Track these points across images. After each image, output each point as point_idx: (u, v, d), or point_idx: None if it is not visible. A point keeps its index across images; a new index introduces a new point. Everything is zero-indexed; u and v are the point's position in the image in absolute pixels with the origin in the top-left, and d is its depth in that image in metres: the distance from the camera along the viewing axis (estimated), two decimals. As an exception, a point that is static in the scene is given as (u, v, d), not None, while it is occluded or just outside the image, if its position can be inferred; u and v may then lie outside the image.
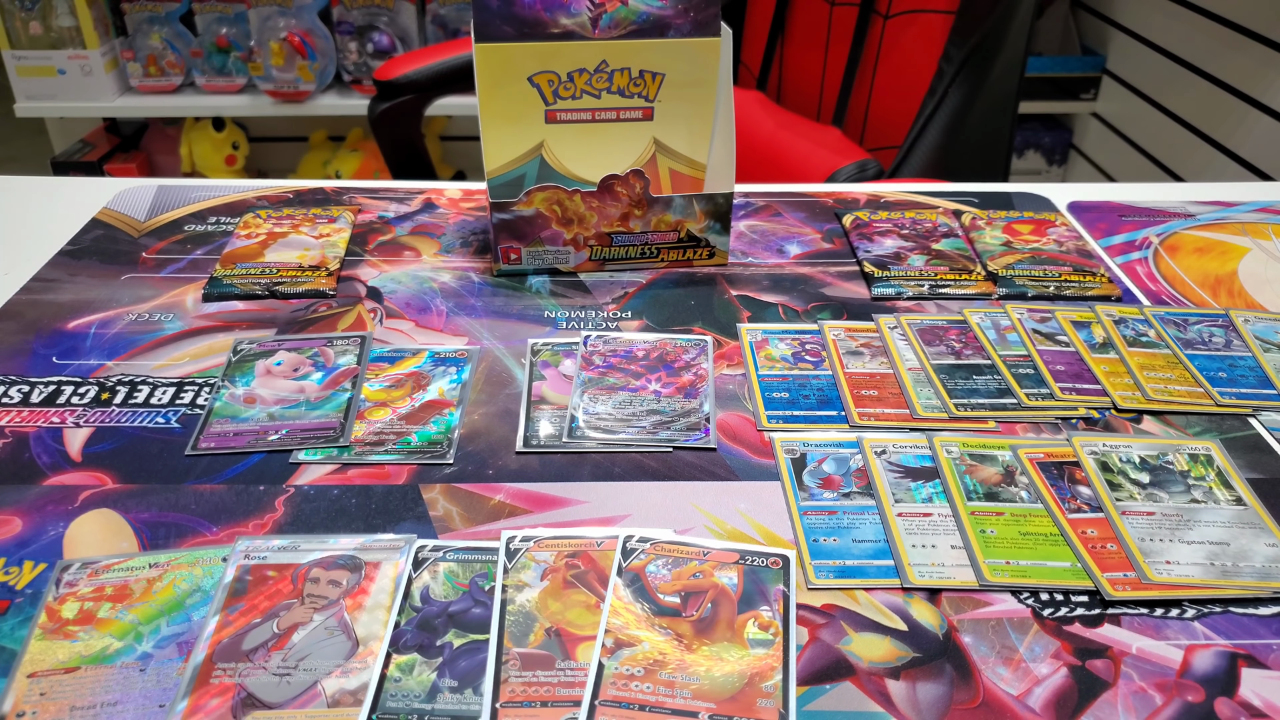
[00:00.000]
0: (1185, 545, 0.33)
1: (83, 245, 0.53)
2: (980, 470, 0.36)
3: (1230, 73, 1.11)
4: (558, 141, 0.47)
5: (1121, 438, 0.38)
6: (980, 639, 0.30)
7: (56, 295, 0.48)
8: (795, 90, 0.91)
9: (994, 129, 0.76)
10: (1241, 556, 0.32)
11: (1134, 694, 0.28)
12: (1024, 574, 0.32)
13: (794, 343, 0.44)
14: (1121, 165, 1.34)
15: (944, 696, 0.28)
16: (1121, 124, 1.34)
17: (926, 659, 0.29)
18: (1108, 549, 0.33)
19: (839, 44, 0.85)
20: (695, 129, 0.48)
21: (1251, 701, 0.28)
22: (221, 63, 1.37)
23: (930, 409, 0.40)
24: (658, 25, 0.45)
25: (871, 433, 0.38)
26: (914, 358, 0.43)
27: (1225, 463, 0.36)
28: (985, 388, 0.41)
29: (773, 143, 0.81)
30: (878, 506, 0.35)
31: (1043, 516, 0.34)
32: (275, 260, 0.51)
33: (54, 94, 1.35)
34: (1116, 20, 1.34)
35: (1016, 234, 0.53)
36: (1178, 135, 1.20)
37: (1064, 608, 0.31)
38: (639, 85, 0.46)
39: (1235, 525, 0.34)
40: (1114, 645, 0.30)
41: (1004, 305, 0.47)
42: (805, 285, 0.49)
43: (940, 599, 0.31)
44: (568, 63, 0.45)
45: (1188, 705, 0.28)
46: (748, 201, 0.57)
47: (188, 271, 0.50)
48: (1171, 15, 1.21)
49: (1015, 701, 0.28)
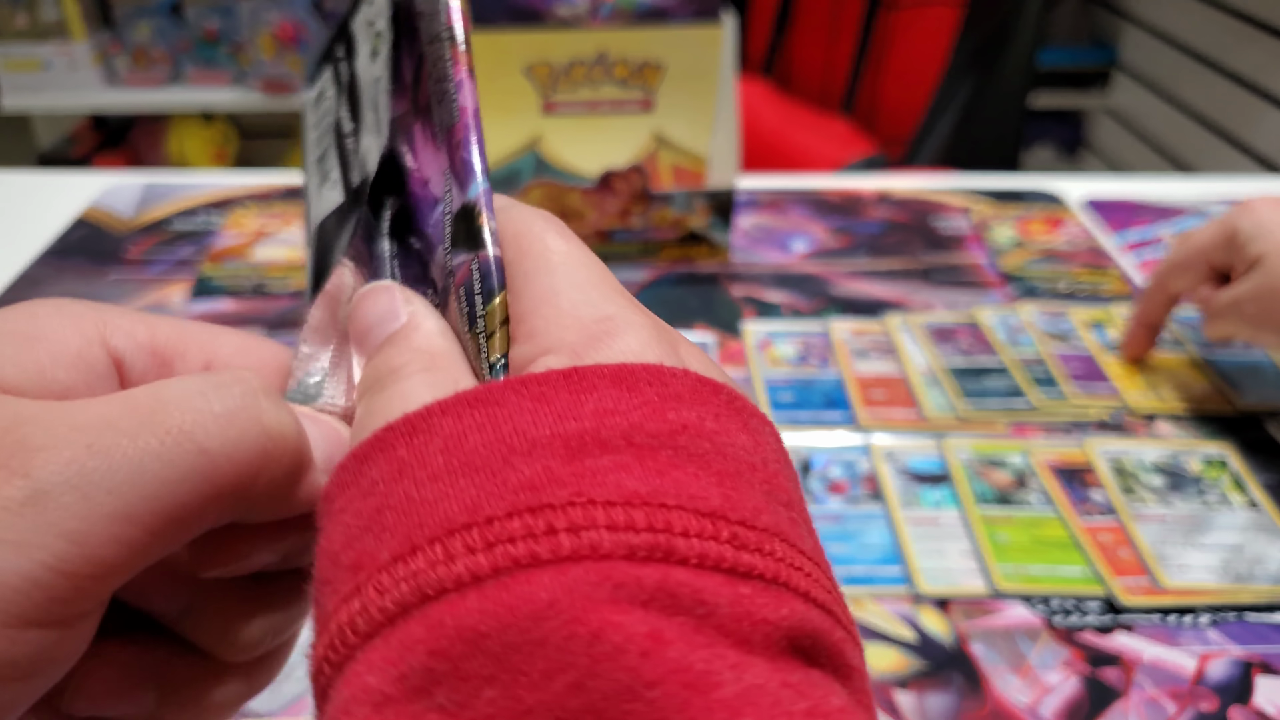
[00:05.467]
0: (1199, 550, 0.32)
1: (69, 243, 0.51)
2: (991, 474, 0.35)
3: (1244, 66, 1.11)
4: (555, 134, 0.46)
5: (1135, 441, 0.37)
6: (990, 648, 0.29)
7: (41, 294, 0.47)
8: (802, 81, 0.90)
9: (1004, 121, 0.76)
10: (1257, 561, 0.32)
11: (1146, 703, 0.27)
12: (1036, 581, 0.31)
13: (799, 343, 0.43)
14: (1133, 159, 1.34)
15: (953, 707, 0.27)
16: (1133, 117, 1.33)
17: (935, 669, 0.28)
18: (1120, 554, 0.32)
19: (847, 33, 0.84)
20: (697, 121, 0.47)
21: (1265, 710, 0.27)
22: (210, 55, 1.35)
23: (940, 411, 0.39)
24: (659, 13, 0.44)
25: (879, 435, 0.37)
26: (923, 358, 0.42)
27: (1241, 466, 0.36)
28: (996, 389, 0.40)
29: (779, 134, 0.80)
30: (886, 511, 0.34)
31: (1055, 522, 0.33)
32: (264, 258, 0.49)
33: (39, 88, 1.33)
34: (1128, 13, 1.33)
35: (1029, 231, 0.52)
36: (1190, 129, 1.20)
37: (1074, 614, 0.30)
38: (639, 76, 0.45)
39: (1250, 530, 0.33)
40: (1126, 653, 0.29)
41: (1015, 305, 0.46)
42: (811, 283, 0.48)
43: (950, 606, 0.30)
44: (565, 53, 0.44)
45: (1201, 714, 0.27)
46: (752, 197, 0.56)
47: (175, 269, 0.49)
48: (1184, 8, 1.20)
49: (1025, 711, 0.27)
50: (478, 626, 0.10)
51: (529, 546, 0.10)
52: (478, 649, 0.10)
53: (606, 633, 0.09)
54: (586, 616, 0.10)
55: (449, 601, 0.10)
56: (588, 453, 0.11)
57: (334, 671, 0.11)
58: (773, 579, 0.11)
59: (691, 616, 0.10)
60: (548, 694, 0.09)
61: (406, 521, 0.11)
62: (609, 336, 0.13)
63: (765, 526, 0.11)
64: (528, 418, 0.11)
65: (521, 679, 0.09)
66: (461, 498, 0.11)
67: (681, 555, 0.10)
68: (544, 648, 0.09)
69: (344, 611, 0.11)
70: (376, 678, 0.10)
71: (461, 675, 0.10)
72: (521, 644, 0.10)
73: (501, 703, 0.09)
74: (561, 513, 0.10)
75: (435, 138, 0.14)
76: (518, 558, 0.10)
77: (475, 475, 0.11)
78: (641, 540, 0.10)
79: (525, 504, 0.10)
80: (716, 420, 0.12)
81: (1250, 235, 0.34)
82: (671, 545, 0.10)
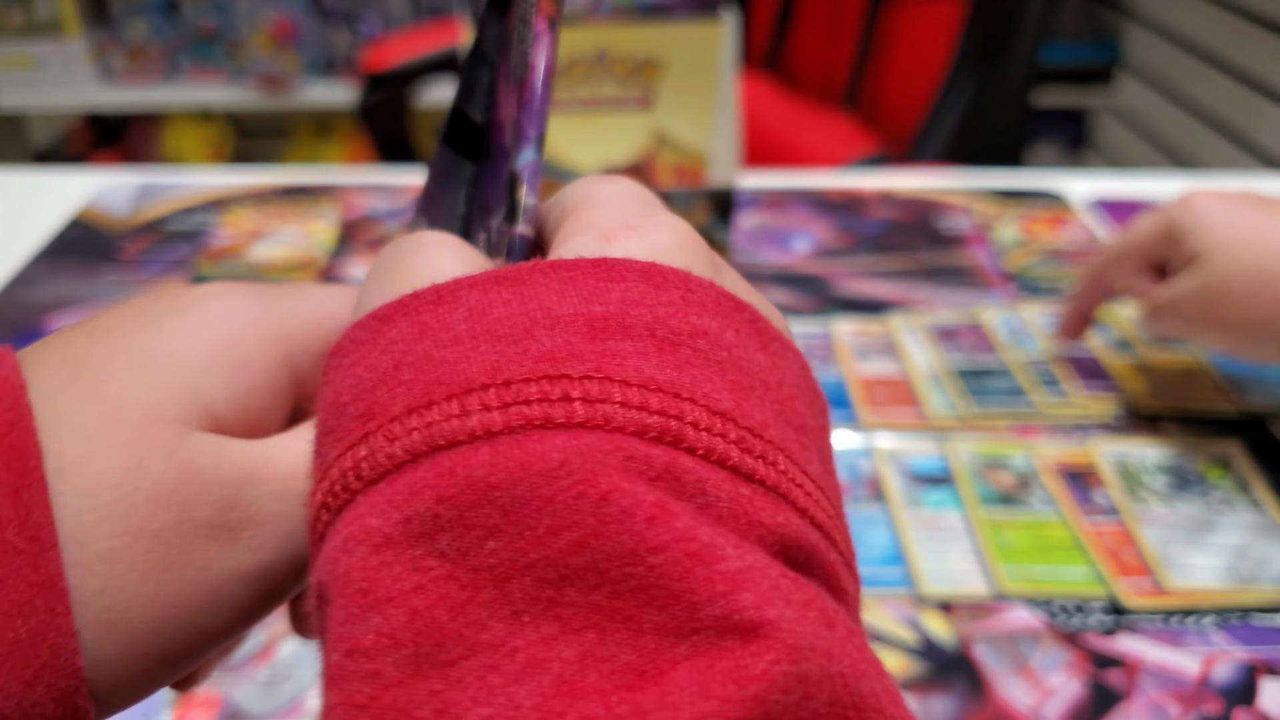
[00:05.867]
0: (1204, 552, 0.32)
1: (64, 242, 0.51)
2: (994, 475, 0.35)
3: (1249, 63, 1.10)
4: (554, 133, 0.46)
5: (1139, 442, 0.37)
6: (993, 650, 0.29)
7: (37, 294, 0.47)
8: (804, 77, 0.90)
9: (1008, 119, 0.76)
10: (1261, 563, 0.32)
11: (1150, 706, 0.27)
12: (1039, 583, 0.31)
13: (800, 343, 0.43)
14: (1136, 157, 1.33)
15: (956, 710, 0.27)
16: (1137, 115, 1.33)
17: (938, 672, 0.28)
18: (1124, 556, 0.32)
19: (849, 30, 0.84)
20: (698, 119, 0.46)
21: (1270, 712, 0.27)
22: (207, 52, 1.34)
23: (942, 412, 0.39)
24: (659, 10, 0.44)
25: (882, 436, 0.37)
26: (925, 359, 0.42)
27: (1245, 467, 0.36)
28: (999, 390, 0.40)
29: (780, 131, 0.80)
30: (888, 513, 0.34)
31: (1058, 523, 0.33)
32: (260, 257, 0.49)
33: (34, 86, 1.32)
34: (1132, 10, 1.33)
35: (1032, 231, 0.52)
36: (1194, 127, 1.20)
37: (1078, 616, 0.30)
38: (639, 74, 0.45)
39: (1255, 531, 0.33)
40: (1130, 655, 0.29)
41: (1018, 305, 0.46)
42: (813, 283, 0.48)
43: (952, 609, 0.30)
44: (564, 50, 0.44)
45: (1205, 717, 0.27)
46: (753, 196, 0.56)
47: (171, 269, 0.49)
48: (1188, 5, 1.19)
49: (1028, 714, 0.27)
50: (488, 478, 0.10)
51: (544, 409, 0.10)
52: (486, 500, 0.10)
53: (614, 496, 0.10)
54: (596, 479, 0.10)
55: (461, 452, 0.10)
56: (610, 335, 0.11)
57: (332, 517, 0.11)
58: (773, 487, 0.11)
59: (692, 503, 0.10)
60: (551, 550, 0.09)
61: (424, 378, 0.11)
62: (643, 228, 0.13)
63: (771, 439, 0.11)
64: (554, 297, 0.11)
65: (526, 533, 0.10)
66: (482, 360, 0.11)
67: (690, 444, 0.10)
68: (552, 504, 0.10)
69: (349, 458, 0.11)
70: (379, 519, 0.10)
71: (466, 524, 0.10)
72: (530, 499, 0.10)
73: (504, 554, 0.10)
74: (579, 384, 0.10)
75: (509, 80, 0.14)
76: (532, 418, 0.10)
77: (497, 343, 0.11)
78: (654, 421, 0.10)
79: (544, 371, 0.10)
80: (736, 335, 0.12)
81: (1188, 231, 0.33)
82: (682, 432, 0.10)
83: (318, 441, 0.12)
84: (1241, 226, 0.32)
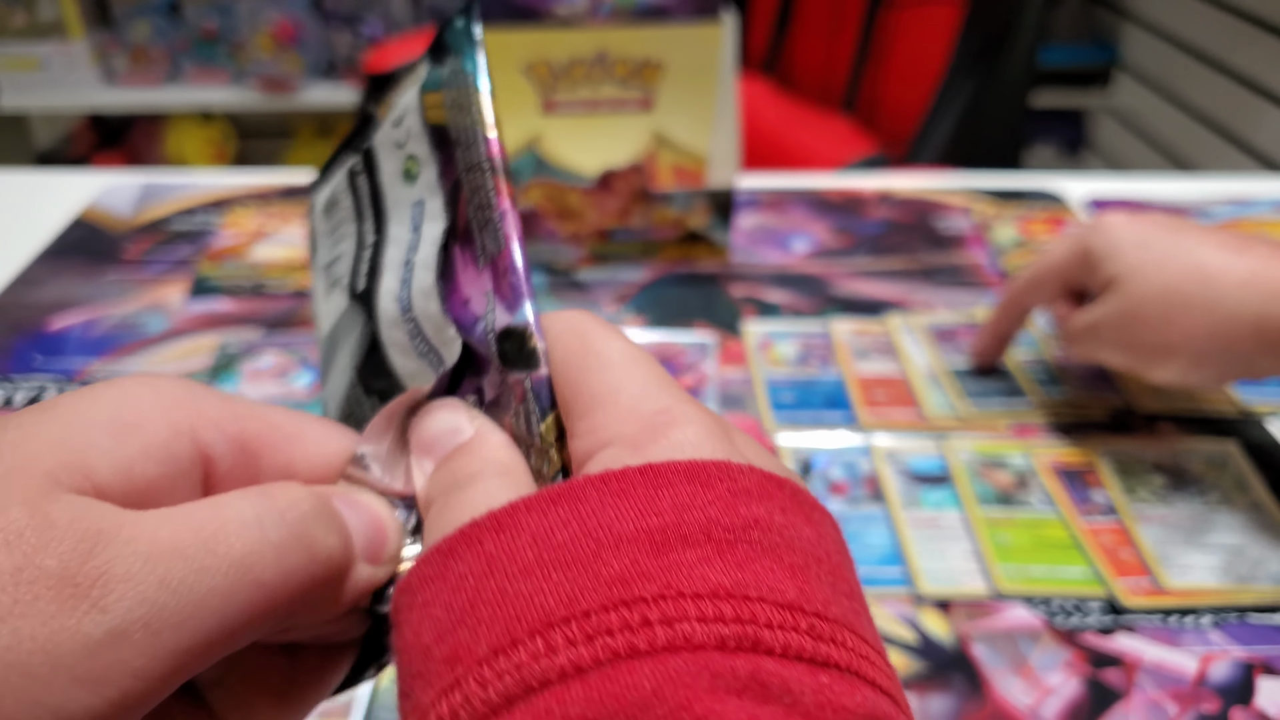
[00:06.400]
0: (1201, 551, 0.32)
1: (66, 243, 0.51)
2: (992, 475, 0.35)
3: (1246, 64, 1.10)
4: (554, 134, 0.46)
5: (1137, 441, 0.37)
6: (991, 649, 0.29)
7: (39, 294, 0.47)
8: (803, 79, 0.90)
9: (1006, 120, 0.76)
10: (1259, 562, 0.32)
11: (1148, 704, 0.27)
12: (1037, 582, 0.31)
13: (800, 344, 0.43)
14: (1134, 158, 1.34)
15: (954, 709, 0.27)
16: (1134, 117, 1.33)
17: (936, 670, 0.28)
18: (1122, 555, 0.32)
19: (848, 32, 0.84)
20: (697, 120, 0.46)
21: (1268, 711, 0.27)
22: (209, 53, 1.34)
23: (941, 412, 0.39)
24: (658, 12, 0.44)
25: (880, 436, 0.37)
26: (924, 359, 0.42)
27: (1243, 466, 0.36)
28: (997, 390, 0.40)
29: (779, 133, 0.80)
30: (887, 512, 0.34)
31: (1056, 523, 0.33)
32: (262, 257, 0.49)
33: (37, 87, 1.32)
34: (1129, 11, 1.33)
35: (1030, 231, 0.52)
36: (1191, 128, 1.20)
37: (1076, 615, 0.30)
38: (639, 75, 0.45)
39: (1252, 530, 0.33)
40: (1128, 654, 0.29)
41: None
42: (812, 283, 0.48)
43: (951, 608, 0.30)
44: (564, 52, 0.44)
45: (1203, 716, 0.27)
46: (752, 197, 0.56)
47: (173, 269, 0.49)
48: (1185, 6, 1.20)
49: (1026, 713, 0.27)
50: (585, 714, 0.10)
51: (627, 638, 0.10)
52: None
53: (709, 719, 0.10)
54: (691, 704, 0.10)
55: (553, 692, 0.10)
56: (671, 547, 0.11)
57: None
58: (847, 668, 0.11)
59: (780, 705, 0.10)
60: None
61: (503, 614, 0.11)
62: (667, 428, 0.13)
63: (835, 618, 0.12)
64: (611, 513, 0.12)
65: None
66: (556, 591, 0.11)
67: (768, 645, 0.11)
68: None
69: (444, 704, 0.11)
70: None
71: None
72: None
73: None
74: (654, 605, 0.11)
75: (477, 260, 0.15)
76: (617, 649, 0.10)
77: (567, 570, 0.11)
78: (731, 631, 0.11)
79: (619, 597, 0.11)
80: (783, 514, 0.12)
81: (1103, 255, 0.33)
82: (759, 636, 0.11)
83: (405, 683, 0.12)
84: (1155, 249, 0.32)
